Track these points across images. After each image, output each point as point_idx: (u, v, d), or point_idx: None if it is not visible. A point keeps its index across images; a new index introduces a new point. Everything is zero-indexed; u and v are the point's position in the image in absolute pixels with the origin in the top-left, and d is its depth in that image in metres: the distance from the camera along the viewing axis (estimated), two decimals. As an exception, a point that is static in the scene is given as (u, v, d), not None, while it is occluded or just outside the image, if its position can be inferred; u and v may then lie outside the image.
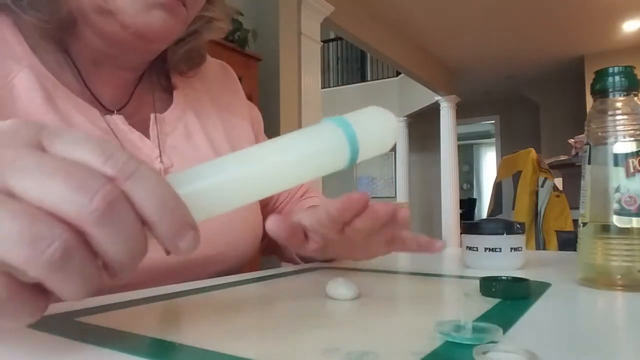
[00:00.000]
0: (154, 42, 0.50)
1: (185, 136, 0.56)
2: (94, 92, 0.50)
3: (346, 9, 4.05)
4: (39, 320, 0.30)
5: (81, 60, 0.50)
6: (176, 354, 0.24)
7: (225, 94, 0.66)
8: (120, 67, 0.53)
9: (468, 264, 0.55)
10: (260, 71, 2.97)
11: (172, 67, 0.59)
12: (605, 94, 0.43)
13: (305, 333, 0.28)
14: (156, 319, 0.31)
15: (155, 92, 0.58)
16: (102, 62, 0.51)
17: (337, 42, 8.76)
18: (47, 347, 0.26)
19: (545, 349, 0.23)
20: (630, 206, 0.40)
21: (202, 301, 0.37)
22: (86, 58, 0.50)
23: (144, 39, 0.47)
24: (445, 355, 0.23)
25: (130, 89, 0.55)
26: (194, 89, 0.61)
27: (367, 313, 0.32)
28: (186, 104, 0.59)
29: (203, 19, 0.56)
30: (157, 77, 0.59)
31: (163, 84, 0.60)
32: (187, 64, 0.59)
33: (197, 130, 0.58)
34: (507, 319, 0.29)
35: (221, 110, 0.63)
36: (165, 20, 0.46)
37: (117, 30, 0.46)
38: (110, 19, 0.45)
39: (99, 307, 0.34)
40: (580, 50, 5.84)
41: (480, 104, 8.16)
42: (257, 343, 0.26)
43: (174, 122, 0.56)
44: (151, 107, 0.56)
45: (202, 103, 0.61)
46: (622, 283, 0.40)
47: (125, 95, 0.54)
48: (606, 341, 0.27)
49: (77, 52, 0.50)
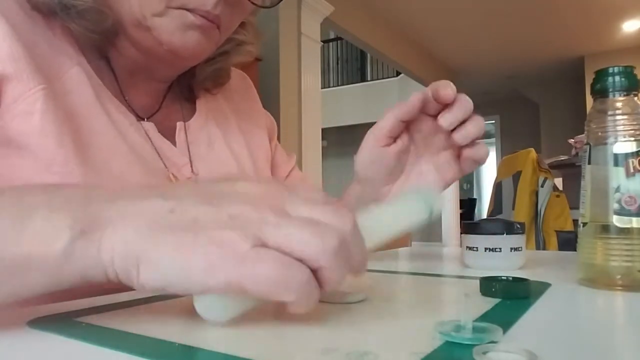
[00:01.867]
0: (186, 60, 0.52)
1: (207, 144, 0.58)
2: (127, 98, 0.53)
3: (346, 9, 4.05)
4: (39, 320, 0.30)
5: (118, 68, 0.53)
6: (176, 354, 0.24)
7: (244, 104, 0.69)
8: (152, 77, 0.55)
9: (468, 264, 0.55)
10: (260, 71, 2.96)
11: (198, 84, 0.61)
12: (605, 94, 0.43)
13: (305, 333, 0.28)
14: (156, 319, 0.31)
15: (182, 102, 0.60)
16: (137, 72, 0.53)
17: (337, 42, 8.76)
18: (47, 347, 0.26)
19: (545, 349, 0.23)
20: (630, 206, 0.40)
21: (202, 301, 0.37)
22: (122, 67, 0.53)
23: (178, 56, 0.49)
24: (445, 355, 0.23)
25: (160, 98, 0.58)
26: (215, 99, 0.64)
27: (367, 313, 0.32)
28: (208, 114, 0.61)
29: (234, 41, 0.59)
30: (180, 88, 0.61)
31: (185, 95, 0.62)
32: (212, 82, 0.61)
33: (219, 138, 0.60)
34: (507, 319, 0.29)
35: (241, 119, 0.65)
36: (199, 42, 0.48)
37: (153, 45, 0.48)
38: (148, 35, 0.47)
39: (99, 307, 0.34)
40: (580, 51, 5.84)
41: (480, 104, 8.05)
42: (257, 343, 0.26)
43: (197, 130, 0.58)
44: (179, 115, 0.58)
45: (223, 113, 0.64)
46: (622, 283, 0.40)
47: (156, 103, 0.57)
48: (606, 341, 0.27)
49: (115, 61, 0.52)
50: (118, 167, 0.46)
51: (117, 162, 0.47)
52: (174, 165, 0.53)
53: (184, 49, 0.48)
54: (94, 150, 0.45)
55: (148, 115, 0.55)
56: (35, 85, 0.43)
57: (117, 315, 0.32)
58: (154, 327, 0.29)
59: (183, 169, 0.53)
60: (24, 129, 0.42)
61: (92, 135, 0.46)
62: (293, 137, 3.29)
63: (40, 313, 0.32)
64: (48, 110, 0.43)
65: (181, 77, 0.60)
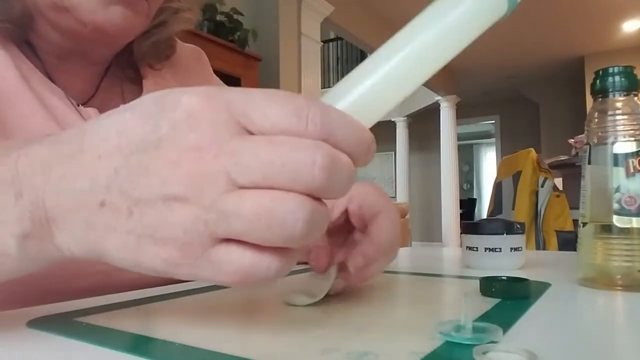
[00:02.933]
0: (115, 37, 0.49)
1: None
2: (58, 85, 0.49)
3: (346, 9, 4.05)
4: (39, 320, 0.30)
5: (44, 54, 0.49)
6: (176, 354, 0.24)
7: (196, 81, 0.65)
8: (83, 60, 0.52)
9: (468, 264, 0.55)
10: (260, 71, 2.97)
11: (139, 60, 0.57)
12: (606, 94, 0.43)
13: (305, 333, 0.28)
14: (156, 319, 0.31)
15: (123, 84, 0.57)
16: (65, 56, 0.50)
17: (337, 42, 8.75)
18: (47, 347, 0.26)
19: (545, 349, 0.23)
20: (630, 206, 0.40)
21: (202, 301, 0.37)
22: (49, 52, 0.49)
23: (105, 34, 0.46)
24: (445, 355, 0.23)
25: (96, 82, 0.54)
26: (163, 78, 0.60)
27: (367, 313, 0.32)
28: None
29: (169, 10, 0.55)
30: (123, 70, 0.58)
31: (131, 76, 0.58)
32: (154, 56, 0.58)
33: None
34: (507, 319, 0.29)
35: None
36: (125, 16, 0.45)
37: (75, 26, 0.45)
38: (66, 15, 0.44)
39: (99, 307, 0.34)
40: (580, 51, 5.84)
41: (480, 104, 8.16)
42: (257, 343, 0.26)
43: None
44: (120, 98, 0.55)
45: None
46: (622, 283, 0.40)
47: (91, 88, 0.53)
48: (606, 341, 0.27)
49: (39, 47, 0.49)
50: None
51: None
52: None
53: (110, 26, 0.44)
54: (20, 134, 0.43)
55: (84, 101, 0.51)
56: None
57: (117, 315, 0.32)
58: (154, 327, 0.29)
59: None
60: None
61: (19, 118, 0.43)
62: (293, 137, 3.28)
63: (40, 313, 0.32)
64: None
65: (120, 57, 0.56)
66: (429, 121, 7.59)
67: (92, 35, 0.46)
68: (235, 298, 0.38)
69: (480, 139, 11.12)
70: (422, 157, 8.48)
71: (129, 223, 0.22)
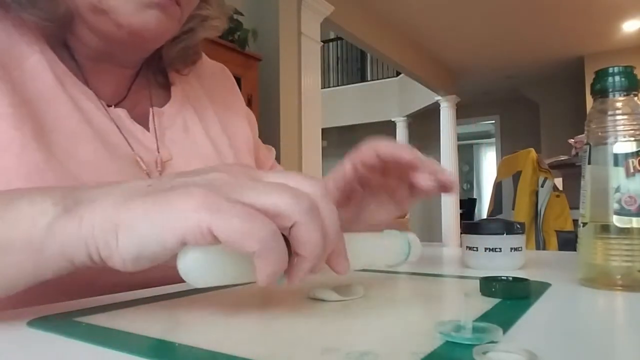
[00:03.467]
0: (149, 41, 0.51)
1: (183, 130, 0.57)
2: (91, 87, 0.51)
3: (346, 9, 4.05)
4: (39, 320, 0.30)
5: (80, 56, 0.51)
6: (176, 354, 0.24)
7: (221, 91, 0.67)
8: (116, 63, 0.54)
9: (468, 264, 0.55)
10: (260, 71, 2.97)
11: (168, 65, 0.60)
12: (605, 94, 0.43)
13: (305, 333, 0.28)
14: (156, 319, 0.31)
15: (151, 88, 0.59)
16: (100, 59, 0.52)
17: (337, 42, 8.76)
18: (47, 347, 0.26)
19: (545, 349, 0.23)
20: (630, 206, 0.40)
21: (202, 301, 0.37)
22: (84, 54, 0.51)
23: (140, 37, 0.48)
24: (445, 355, 0.23)
25: (127, 85, 0.56)
26: (191, 86, 0.63)
27: (367, 313, 0.32)
28: (184, 100, 0.60)
29: (198, 17, 0.57)
30: (153, 74, 0.60)
31: (160, 81, 0.60)
32: (182, 61, 0.60)
33: (195, 124, 0.59)
34: (507, 319, 0.29)
35: (217, 105, 0.64)
36: (159, 20, 0.46)
37: (112, 29, 0.47)
38: (105, 18, 0.46)
39: (99, 307, 0.34)
40: (580, 50, 5.84)
41: (480, 104, 8.16)
42: (257, 343, 0.26)
43: (173, 116, 0.57)
44: (148, 101, 0.57)
45: (199, 99, 0.62)
46: (622, 283, 0.40)
47: (123, 90, 0.55)
48: (606, 341, 0.27)
49: (76, 49, 0.51)
50: (83, 152, 0.46)
51: (82, 146, 0.46)
52: (146, 149, 0.52)
53: (145, 30, 0.47)
54: (57, 135, 0.44)
55: (115, 103, 0.53)
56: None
57: (117, 315, 0.32)
58: (154, 327, 0.29)
59: (154, 152, 0.52)
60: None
61: (55, 120, 0.45)
62: (293, 137, 3.29)
63: (40, 313, 0.32)
64: (2, 94, 0.42)
65: (150, 63, 0.58)
66: (429, 121, 7.59)
67: (128, 37, 0.48)
68: (235, 298, 0.38)
69: (480, 139, 11.12)
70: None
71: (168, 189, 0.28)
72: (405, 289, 0.45)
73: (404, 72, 6.11)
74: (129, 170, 0.48)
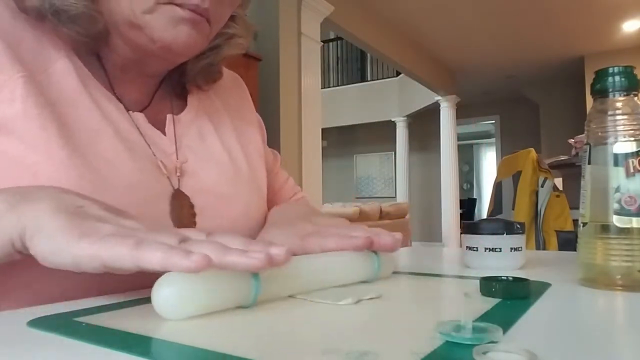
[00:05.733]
0: (178, 55, 0.53)
1: (199, 137, 0.59)
2: (117, 94, 0.53)
3: (346, 9, 4.05)
4: (39, 320, 0.30)
5: (109, 64, 0.53)
6: (176, 354, 0.24)
7: (235, 101, 0.70)
8: (144, 73, 0.56)
9: (468, 264, 0.55)
10: (260, 71, 2.97)
11: (190, 80, 0.62)
12: (605, 94, 0.43)
13: (305, 333, 0.28)
14: (156, 319, 0.31)
15: (172, 98, 0.61)
16: (128, 68, 0.54)
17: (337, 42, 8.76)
18: (47, 347, 0.26)
19: (545, 349, 0.23)
20: (630, 206, 0.40)
21: (202, 301, 0.37)
22: (114, 63, 0.53)
23: (170, 51, 0.50)
24: (445, 355, 0.23)
25: (150, 93, 0.58)
26: (207, 95, 0.65)
27: (367, 313, 0.32)
28: (199, 108, 0.62)
29: (225, 35, 0.59)
30: (173, 86, 0.62)
31: (177, 91, 0.63)
32: (204, 77, 0.62)
33: (210, 132, 0.61)
34: (507, 319, 0.29)
35: (232, 114, 0.67)
36: (190, 35, 0.49)
37: (145, 43, 0.49)
38: (139, 32, 0.48)
39: (99, 307, 0.34)
40: (580, 50, 5.84)
41: (480, 104, 8.16)
42: (257, 343, 0.26)
43: (189, 124, 0.59)
44: (169, 110, 0.59)
45: (216, 108, 0.65)
46: (622, 283, 0.40)
47: (146, 98, 0.58)
48: (606, 341, 0.27)
49: (106, 58, 0.53)
50: (105, 150, 0.47)
51: (104, 146, 0.47)
52: (163, 153, 0.54)
53: (175, 44, 0.49)
54: (80, 135, 0.46)
55: (139, 109, 0.55)
56: (15, 73, 0.44)
57: (117, 315, 0.32)
58: (154, 327, 0.29)
59: (171, 157, 0.54)
60: (8, 114, 0.43)
61: (78, 121, 0.47)
62: (293, 137, 3.29)
63: (40, 313, 0.32)
64: (29, 96, 0.44)
65: (172, 74, 0.60)
66: (429, 121, 7.59)
67: (159, 51, 0.50)
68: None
69: (480, 139, 11.12)
70: (422, 157, 8.48)
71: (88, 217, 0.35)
72: (405, 289, 0.45)
73: (404, 72, 6.11)
74: (150, 171, 0.50)
